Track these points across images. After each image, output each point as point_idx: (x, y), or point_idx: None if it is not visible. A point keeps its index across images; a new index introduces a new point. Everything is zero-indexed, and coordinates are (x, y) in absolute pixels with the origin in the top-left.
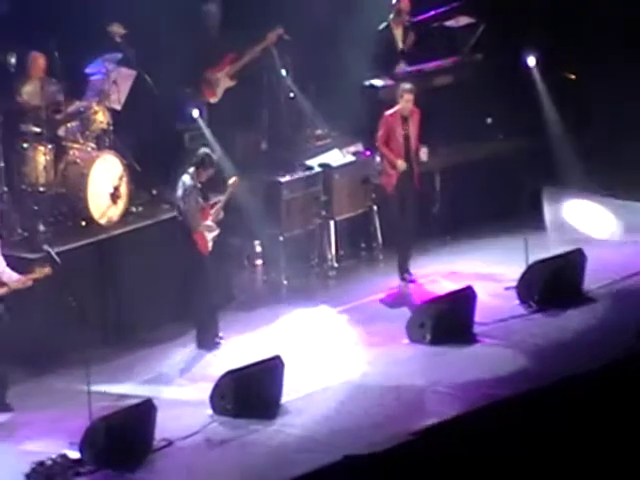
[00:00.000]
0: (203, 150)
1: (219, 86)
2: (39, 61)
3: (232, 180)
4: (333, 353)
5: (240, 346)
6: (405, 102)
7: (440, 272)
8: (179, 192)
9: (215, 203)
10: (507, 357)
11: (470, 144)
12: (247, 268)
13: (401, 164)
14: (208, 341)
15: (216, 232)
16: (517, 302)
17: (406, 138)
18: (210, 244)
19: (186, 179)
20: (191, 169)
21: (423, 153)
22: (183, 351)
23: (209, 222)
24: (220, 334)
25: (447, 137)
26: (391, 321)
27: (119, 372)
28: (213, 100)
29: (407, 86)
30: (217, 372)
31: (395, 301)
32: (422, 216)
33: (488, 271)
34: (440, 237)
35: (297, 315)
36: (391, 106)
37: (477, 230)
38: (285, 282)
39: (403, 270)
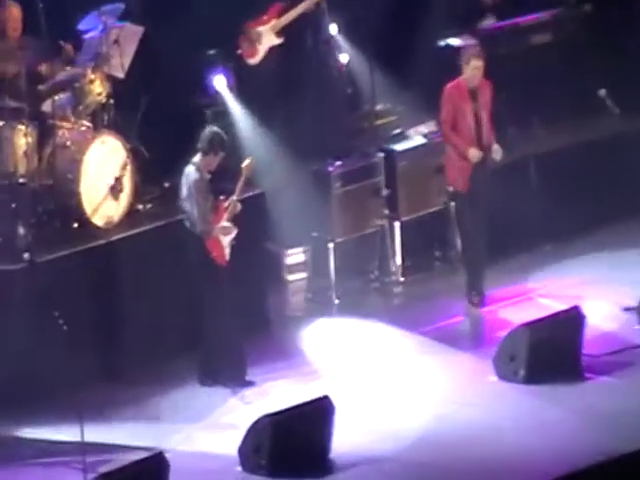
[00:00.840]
0: (209, 130)
1: (262, 43)
2: (13, 13)
3: (246, 162)
4: (397, 394)
5: (277, 384)
6: (472, 70)
7: (537, 289)
8: (183, 190)
9: (228, 196)
10: (627, 400)
11: (576, 122)
12: (286, 283)
13: (474, 153)
14: (232, 378)
15: (234, 233)
16: (638, 327)
17: (476, 119)
18: (227, 250)
19: (190, 171)
20: (196, 157)
21: (496, 152)
22: (201, 390)
23: (224, 223)
24: (251, 379)
25: (546, 114)
26: (473, 352)
27: (121, 416)
28: (253, 61)
29: (474, 49)
30: (245, 419)
31: (479, 326)
32: (512, 219)
33: (600, 287)
34: (537, 245)
35: (351, 344)
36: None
37: (585, 235)
38: (336, 301)
39: (475, 289)
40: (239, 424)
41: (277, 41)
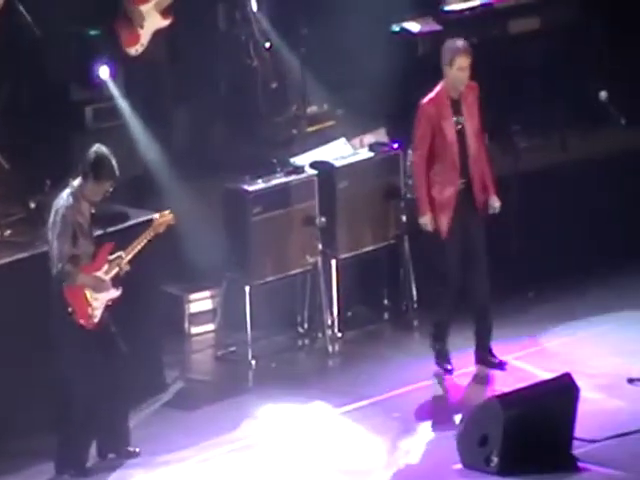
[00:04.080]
0: (96, 150)
1: (144, 26)
2: None
3: (162, 218)
4: None
5: (175, 471)
6: (457, 72)
7: (517, 350)
8: (50, 217)
9: (108, 245)
10: None
11: (572, 134)
12: (189, 337)
13: (424, 221)
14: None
15: (112, 294)
16: None
17: (460, 138)
18: (97, 312)
19: (63, 195)
20: (76, 181)
21: (492, 204)
22: None
23: (101, 274)
24: (134, 449)
25: (533, 122)
26: (432, 431)
27: None
28: (134, 51)
29: (459, 44)
30: None
31: (439, 398)
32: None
33: (599, 350)
34: (518, 292)
35: (272, 418)
36: (436, 72)
37: (582, 280)
38: (253, 362)
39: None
40: None
41: (163, 23)
